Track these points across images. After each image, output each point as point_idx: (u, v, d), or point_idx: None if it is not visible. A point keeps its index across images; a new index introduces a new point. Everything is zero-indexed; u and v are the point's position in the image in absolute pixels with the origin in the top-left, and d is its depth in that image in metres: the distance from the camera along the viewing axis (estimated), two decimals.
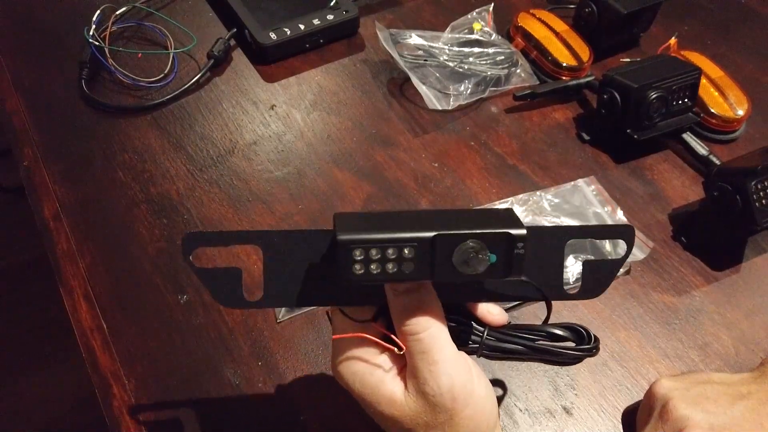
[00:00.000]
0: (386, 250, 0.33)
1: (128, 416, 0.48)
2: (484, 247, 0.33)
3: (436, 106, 0.69)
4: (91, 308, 0.54)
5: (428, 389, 0.35)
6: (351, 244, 0.32)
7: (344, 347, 0.37)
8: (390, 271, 0.33)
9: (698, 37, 0.80)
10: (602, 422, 0.48)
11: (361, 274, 0.33)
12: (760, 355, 0.52)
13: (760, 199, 0.53)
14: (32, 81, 0.72)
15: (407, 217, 0.35)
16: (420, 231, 0.33)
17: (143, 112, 0.69)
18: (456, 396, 0.35)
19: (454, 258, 0.33)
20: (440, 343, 0.36)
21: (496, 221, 0.34)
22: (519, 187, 0.63)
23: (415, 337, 0.35)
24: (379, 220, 0.34)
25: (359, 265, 0.33)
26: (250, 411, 0.49)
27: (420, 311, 0.36)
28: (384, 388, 0.36)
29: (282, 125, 0.69)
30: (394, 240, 0.33)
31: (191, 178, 0.63)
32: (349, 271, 0.33)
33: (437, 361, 0.35)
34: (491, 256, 0.33)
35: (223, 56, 0.74)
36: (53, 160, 0.65)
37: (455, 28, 0.74)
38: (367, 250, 0.32)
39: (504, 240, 0.33)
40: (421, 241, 0.33)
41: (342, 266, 0.33)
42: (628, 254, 0.38)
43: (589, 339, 0.41)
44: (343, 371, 0.37)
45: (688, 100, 0.65)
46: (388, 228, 0.33)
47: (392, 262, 0.33)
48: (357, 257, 0.33)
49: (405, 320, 0.35)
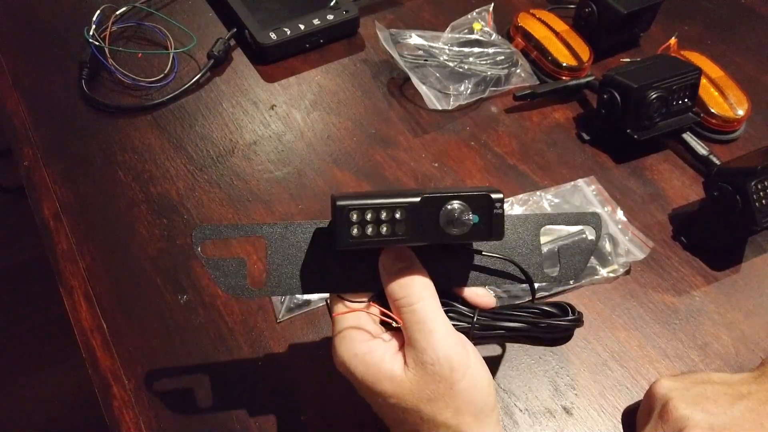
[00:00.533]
0: (380, 213, 0.36)
1: (128, 416, 0.48)
2: (467, 208, 0.37)
3: (436, 106, 0.69)
4: (91, 308, 0.54)
5: (426, 358, 0.36)
6: (348, 207, 0.36)
7: (344, 334, 0.39)
8: (384, 233, 0.37)
9: (698, 37, 0.80)
10: (602, 422, 0.48)
11: (358, 237, 0.37)
12: (760, 355, 0.52)
13: (760, 199, 0.53)
14: (32, 81, 0.72)
15: (397, 189, 0.40)
16: (407, 195, 0.37)
17: (143, 112, 0.69)
18: (454, 366, 0.37)
19: (440, 219, 0.37)
20: (434, 314, 0.38)
21: (477, 188, 0.38)
22: (519, 187, 0.63)
23: (410, 308, 0.37)
24: (372, 193, 0.39)
25: (356, 227, 0.36)
26: (250, 411, 0.49)
27: (412, 284, 0.38)
28: (384, 366, 0.37)
29: (282, 125, 0.69)
30: (386, 204, 0.37)
31: (191, 178, 0.63)
32: (346, 234, 0.36)
33: (433, 330, 0.37)
34: (474, 217, 0.37)
35: (223, 56, 0.74)
36: (53, 160, 0.65)
37: (455, 28, 0.74)
38: (363, 212, 0.36)
39: (483, 200, 0.37)
40: (411, 203, 0.37)
41: (340, 229, 0.36)
42: (598, 238, 0.42)
43: (572, 312, 0.43)
44: (345, 355, 0.38)
45: (688, 100, 0.65)
46: (380, 196, 0.37)
47: (386, 223, 0.37)
48: (354, 219, 0.36)
49: (399, 293, 0.38)
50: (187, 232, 0.59)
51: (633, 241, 0.57)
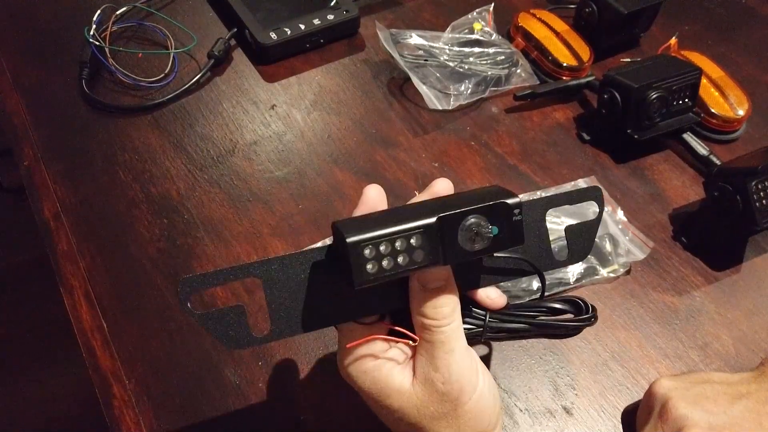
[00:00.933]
0: (395, 243, 0.33)
1: (128, 416, 0.48)
2: (485, 220, 0.34)
3: (436, 106, 0.69)
4: (91, 308, 0.54)
5: (438, 376, 0.36)
6: (360, 243, 0.32)
7: (352, 350, 0.37)
8: (402, 264, 0.34)
9: (699, 37, 0.80)
10: (602, 422, 0.48)
11: (375, 272, 0.33)
12: (761, 355, 0.52)
13: (761, 199, 0.53)
14: (32, 81, 0.72)
15: (405, 210, 0.36)
16: (423, 218, 0.34)
17: (143, 112, 0.69)
18: (463, 387, 0.36)
19: (459, 237, 0.34)
20: (458, 334, 0.37)
21: (489, 195, 0.35)
22: (519, 187, 0.63)
23: (439, 329, 0.36)
24: (380, 218, 0.35)
25: (371, 263, 0.33)
26: (250, 411, 0.49)
27: (447, 304, 0.36)
28: (393, 381, 0.37)
29: (282, 125, 0.69)
30: (401, 231, 0.33)
31: (191, 178, 0.63)
32: (363, 272, 0.33)
33: (453, 350, 0.36)
34: (493, 229, 0.35)
35: (224, 56, 0.74)
36: (53, 160, 0.65)
37: (455, 28, 0.74)
38: (377, 247, 0.33)
39: (502, 210, 0.35)
40: (426, 227, 0.33)
41: (355, 268, 0.33)
42: (602, 213, 0.41)
43: (587, 309, 0.42)
44: (353, 371, 0.37)
45: (688, 100, 0.65)
46: (391, 222, 0.33)
47: (402, 253, 0.33)
48: (368, 256, 0.33)
49: (431, 314, 0.36)
50: (188, 231, 0.59)
51: (633, 241, 0.57)
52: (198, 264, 0.57)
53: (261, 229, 0.59)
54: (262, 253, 0.58)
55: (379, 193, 0.39)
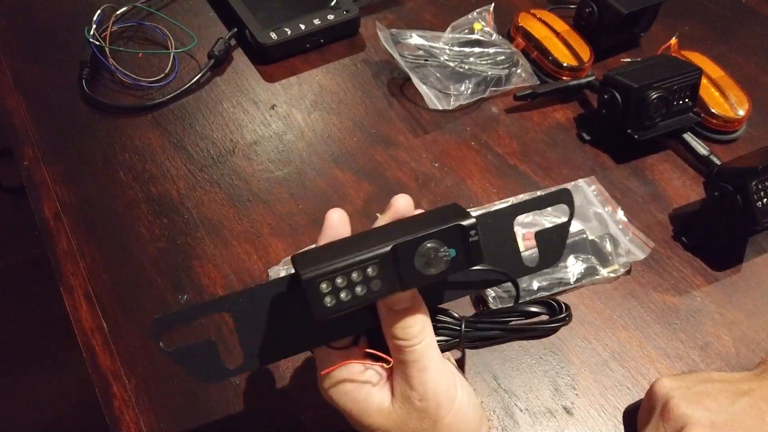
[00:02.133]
0: (350, 275, 0.33)
1: (128, 416, 0.48)
2: (441, 244, 0.34)
3: (436, 106, 0.69)
4: (91, 308, 0.54)
5: (415, 394, 0.36)
6: (316, 279, 0.33)
7: (331, 374, 0.38)
8: (360, 294, 0.34)
9: (699, 37, 0.80)
10: (603, 422, 0.48)
11: (334, 305, 0.33)
12: (761, 354, 0.52)
13: (761, 199, 0.53)
14: (32, 81, 0.72)
15: (361, 238, 0.36)
16: (376, 247, 0.33)
17: (144, 112, 0.69)
18: (440, 401, 0.36)
19: (416, 263, 0.34)
20: (430, 351, 0.37)
21: (445, 218, 0.35)
22: (519, 187, 0.63)
23: (410, 349, 0.36)
24: (337, 248, 0.35)
25: (329, 297, 0.33)
26: (250, 411, 0.49)
27: (414, 324, 0.36)
28: (372, 400, 0.37)
29: (282, 125, 0.69)
30: (355, 263, 0.33)
31: (192, 178, 0.63)
32: (321, 306, 0.33)
33: (427, 368, 0.36)
34: (450, 251, 0.34)
35: (224, 56, 0.74)
36: (53, 160, 0.65)
37: (456, 28, 0.74)
38: (333, 280, 0.33)
39: (457, 232, 0.34)
40: (381, 256, 0.33)
41: (314, 303, 0.33)
42: (572, 214, 0.40)
43: (560, 309, 0.42)
44: (333, 394, 0.38)
45: (688, 100, 0.65)
46: (346, 253, 0.33)
47: (360, 284, 0.34)
48: (325, 290, 0.33)
49: (401, 335, 0.36)
50: (188, 231, 0.59)
51: (633, 241, 0.57)
52: (198, 264, 0.57)
53: (261, 229, 0.59)
54: (262, 252, 0.58)
55: (341, 218, 0.39)
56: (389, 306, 0.36)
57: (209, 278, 0.56)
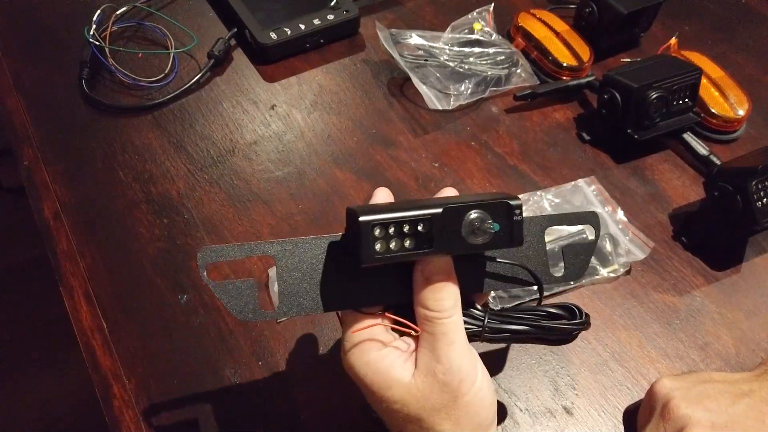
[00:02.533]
0: (403, 227, 0.36)
1: (128, 416, 0.48)
2: (488, 216, 0.37)
3: (436, 106, 0.69)
4: (91, 308, 0.54)
5: (440, 366, 0.37)
6: (371, 222, 0.35)
7: (355, 341, 0.38)
8: (408, 247, 0.36)
9: (699, 37, 0.80)
10: (603, 422, 0.48)
11: (383, 252, 0.36)
12: (761, 354, 0.52)
13: (761, 198, 0.53)
14: (32, 81, 0.72)
15: (414, 201, 0.39)
16: (429, 208, 0.36)
17: (143, 112, 0.69)
18: (463, 378, 0.37)
19: (462, 229, 0.36)
20: (458, 326, 0.38)
21: (494, 195, 0.38)
22: (519, 187, 0.63)
23: (441, 321, 0.37)
24: (391, 206, 0.38)
25: (380, 243, 0.35)
26: (250, 410, 0.49)
27: (448, 297, 0.37)
28: (395, 372, 0.37)
29: (282, 125, 0.69)
30: (409, 217, 0.36)
31: (191, 178, 0.63)
32: (371, 250, 0.35)
33: (454, 342, 0.37)
34: (495, 225, 0.37)
35: (224, 56, 0.74)
36: (53, 160, 0.65)
37: (455, 28, 0.74)
38: (387, 227, 0.35)
39: (504, 208, 0.37)
40: (432, 215, 0.36)
41: (365, 245, 0.35)
42: (598, 236, 0.43)
43: (580, 315, 0.43)
44: (356, 363, 0.38)
45: (688, 100, 0.65)
46: (401, 210, 0.36)
47: (409, 237, 0.36)
48: (378, 235, 0.35)
49: (434, 305, 0.37)
50: (188, 231, 0.59)
51: (633, 241, 0.57)
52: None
53: (261, 229, 0.59)
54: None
55: (388, 195, 0.42)
56: (427, 275, 0.37)
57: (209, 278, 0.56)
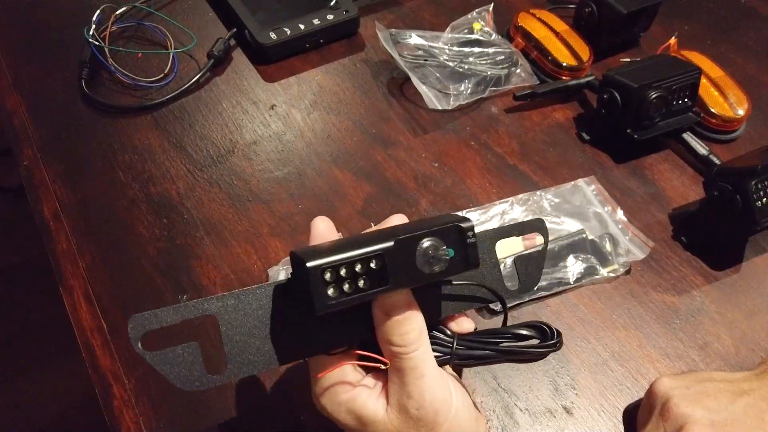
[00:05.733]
0: (354, 267, 0.34)
1: (128, 416, 0.48)
2: (441, 242, 0.35)
3: (436, 106, 0.69)
4: (91, 308, 0.54)
5: (412, 403, 0.36)
6: (321, 267, 0.33)
7: (325, 381, 0.37)
8: (363, 287, 0.34)
9: (698, 36, 0.80)
10: (603, 422, 0.48)
11: (336, 297, 0.33)
12: (761, 354, 0.52)
13: (761, 198, 0.53)
14: (32, 81, 0.72)
15: (362, 237, 0.36)
16: (379, 242, 0.34)
17: (143, 112, 0.69)
18: (438, 409, 0.36)
19: (417, 260, 0.35)
20: (427, 357, 0.37)
21: (444, 220, 0.36)
22: (519, 187, 0.63)
23: (407, 356, 0.36)
24: (338, 245, 0.36)
25: (332, 287, 0.33)
26: (250, 411, 0.49)
27: (413, 329, 0.36)
28: (368, 410, 0.37)
29: (282, 125, 0.69)
30: (359, 256, 0.34)
31: (191, 178, 0.63)
32: (324, 296, 0.33)
33: (424, 376, 0.36)
34: (449, 251, 0.35)
35: (223, 56, 0.74)
36: (53, 160, 0.65)
37: (455, 28, 0.74)
38: (337, 270, 0.33)
39: (455, 232, 0.36)
40: (384, 250, 0.34)
41: (316, 293, 0.33)
42: (546, 245, 0.43)
43: (552, 335, 0.42)
44: (327, 404, 0.37)
45: (688, 100, 0.65)
46: (349, 248, 0.34)
47: (362, 277, 0.34)
48: (329, 279, 0.33)
49: (398, 340, 0.36)
50: (188, 231, 0.59)
51: (633, 240, 0.57)
52: (197, 264, 0.57)
53: (261, 229, 0.59)
54: (262, 253, 0.58)
55: (328, 226, 0.40)
56: (386, 310, 0.36)
57: (209, 278, 0.56)
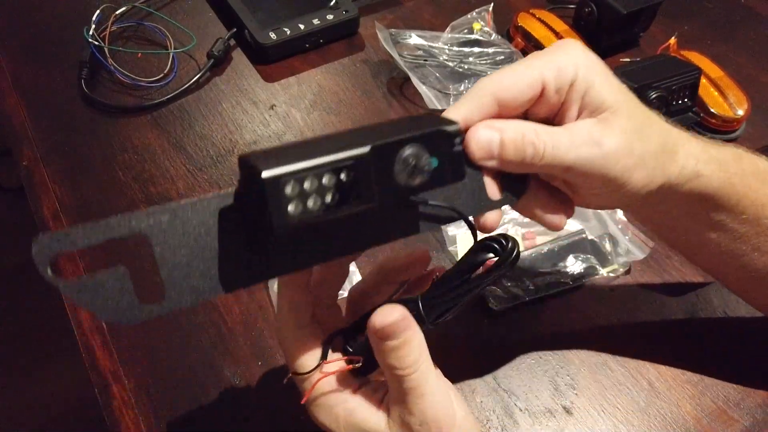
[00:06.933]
0: (321, 178, 0.27)
1: (128, 416, 0.48)
2: (423, 150, 0.30)
3: (436, 106, 0.69)
4: None
5: (415, 420, 0.34)
6: (280, 179, 0.26)
7: (320, 401, 0.36)
8: (330, 203, 0.28)
9: (698, 36, 0.80)
10: (603, 422, 0.48)
11: (299, 213, 0.27)
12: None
13: None
14: (32, 81, 0.72)
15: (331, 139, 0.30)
16: (352, 148, 0.28)
17: (143, 112, 0.69)
18: (441, 425, 0.35)
19: (396, 171, 0.29)
20: (428, 375, 0.35)
21: (425, 122, 0.31)
22: None
23: (407, 377, 0.34)
24: (300, 148, 0.29)
25: (294, 203, 0.27)
26: (250, 411, 0.49)
27: (411, 352, 0.34)
28: (368, 424, 0.36)
29: (282, 125, 0.69)
30: (327, 164, 0.27)
31: (191, 178, 0.63)
32: (283, 214, 0.27)
33: (425, 395, 0.34)
34: (432, 160, 0.30)
35: (223, 56, 0.74)
36: (53, 160, 0.65)
37: (455, 28, 0.74)
38: (301, 182, 0.27)
39: (442, 138, 0.30)
40: (357, 157, 0.28)
41: (275, 210, 0.27)
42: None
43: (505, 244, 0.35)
44: (325, 419, 0.36)
45: (688, 100, 0.65)
46: (315, 153, 0.28)
47: (330, 190, 0.28)
48: (290, 194, 0.27)
49: (397, 363, 0.34)
50: None
51: (633, 240, 0.57)
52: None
53: None
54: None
55: None
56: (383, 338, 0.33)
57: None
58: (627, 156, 0.35)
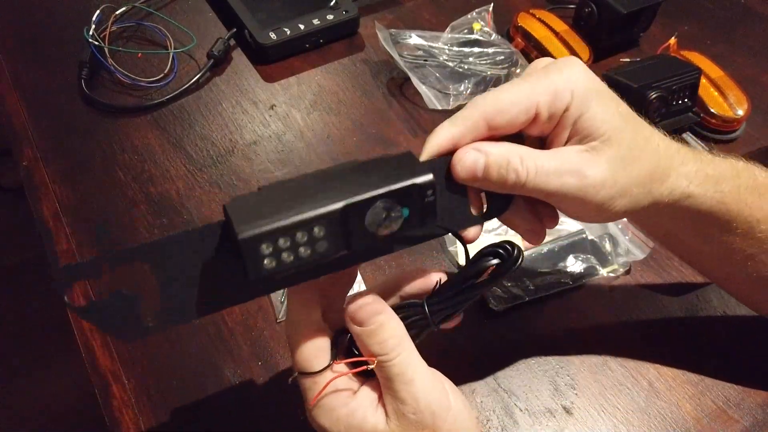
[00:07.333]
0: (295, 236, 0.30)
1: (128, 416, 0.48)
2: (395, 203, 0.31)
3: (436, 106, 0.69)
4: None
5: (408, 408, 0.35)
6: (256, 239, 0.29)
7: (320, 403, 0.36)
8: (304, 255, 0.30)
9: (698, 37, 0.80)
10: (602, 422, 0.48)
11: (274, 267, 0.30)
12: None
13: None
14: (32, 81, 0.72)
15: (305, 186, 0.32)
16: (325, 204, 0.30)
17: (143, 112, 0.69)
18: (435, 411, 0.35)
19: (367, 223, 0.31)
20: (412, 361, 0.35)
21: (398, 171, 0.32)
22: None
23: (392, 362, 0.35)
24: (279, 199, 0.31)
25: (269, 259, 0.30)
26: (250, 411, 0.49)
27: (391, 336, 0.35)
28: (368, 424, 0.36)
29: (282, 125, 0.69)
30: (301, 222, 0.29)
31: (191, 178, 0.63)
32: (260, 268, 0.30)
33: (413, 380, 0.35)
34: (404, 210, 0.32)
35: (223, 56, 0.74)
36: (53, 160, 0.65)
37: (455, 28, 0.74)
38: (275, 241, 0.29)
39: (413, 191, 0.32)
40: (329, 215, 0.30)
41: (250, 265, 0.29)
42: None
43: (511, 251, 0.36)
44: (325, 422, 0.36)
45: (688, 100, 0.65)
46: (290, 207, 0.30)
47: (304, 245, 0.30)
48: (265, 252, 0.29)
49: (378, 349, 0.35)
50: None
51: (633, 240, 0.57)
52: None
53: None
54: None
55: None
56: (359, 321, 0.34)
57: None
58: (610, 187, 0.35)
